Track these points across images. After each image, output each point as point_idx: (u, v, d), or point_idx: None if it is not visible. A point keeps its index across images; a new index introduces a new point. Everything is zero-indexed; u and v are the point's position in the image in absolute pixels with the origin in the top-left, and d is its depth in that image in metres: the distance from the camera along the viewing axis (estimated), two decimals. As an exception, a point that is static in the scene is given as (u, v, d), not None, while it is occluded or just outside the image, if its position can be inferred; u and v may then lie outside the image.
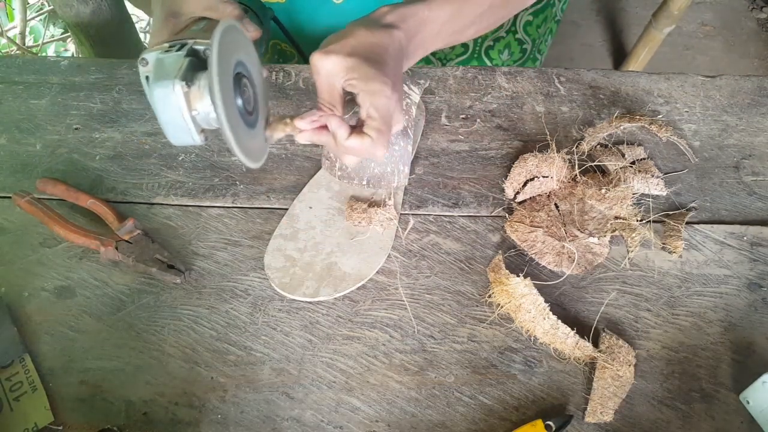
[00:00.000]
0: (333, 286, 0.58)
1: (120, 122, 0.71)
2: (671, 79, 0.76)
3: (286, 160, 0.68)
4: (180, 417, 0.52)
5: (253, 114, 0.49)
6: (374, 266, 0.60)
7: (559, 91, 0.74)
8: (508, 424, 0.52)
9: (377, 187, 0.65)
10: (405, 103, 0.63)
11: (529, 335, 0.55)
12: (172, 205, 0.65)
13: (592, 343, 0.54)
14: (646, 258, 0.61)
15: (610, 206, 0.62)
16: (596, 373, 0.53)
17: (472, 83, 0.75)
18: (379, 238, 0.61)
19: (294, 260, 0.60)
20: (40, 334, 0.56)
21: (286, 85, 0.74)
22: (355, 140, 0.50)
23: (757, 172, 0.68)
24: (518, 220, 0.63)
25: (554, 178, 0.64)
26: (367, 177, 0.64)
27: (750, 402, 0.52)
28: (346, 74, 0.49)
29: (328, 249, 0.61)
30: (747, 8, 2.10)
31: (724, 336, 0.57)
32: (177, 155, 0.68)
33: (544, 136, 0.70)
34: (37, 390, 0.53)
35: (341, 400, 0.53)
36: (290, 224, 0.62)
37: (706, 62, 1.95)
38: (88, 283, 0.59)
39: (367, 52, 0.49)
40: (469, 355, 0.56)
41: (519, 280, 0.54)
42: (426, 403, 0.53)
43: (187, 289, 0.59)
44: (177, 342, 0.56)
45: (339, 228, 0.62)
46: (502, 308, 0.56)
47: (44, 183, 0.64)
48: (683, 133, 0.71)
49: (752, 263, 0.61)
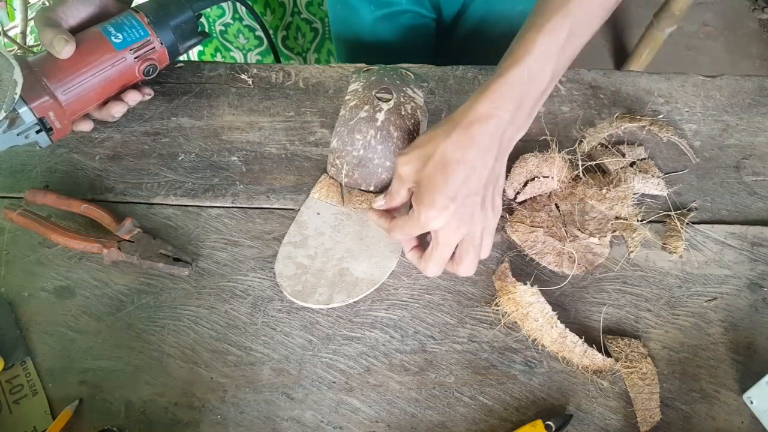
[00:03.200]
0: (346, 292, 0.58)
1: (119, 122, 0.71)
2: (672, 79, 0.75)
3: (286, 160, 0.68)
4: (180, 417, 0.52)
5: None
6: (386, 270, 0.59)
7: (560, 91, 0.74)
8: (508, 425, 0.52)
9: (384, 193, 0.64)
10: (410, 106, 0.63)
11: (537, 344, 0.55)
12: (172, 206, 0.65)
13: (598, 348, 0.54)
14: (646, 258, 0.61)
15: (611, 206, 0.61)
16: (627, 383, 0.53)
17: (472, 83, 0.75)
18: (389, 241, 0.61)
19: (305, 267, 0.59)
20: (40, 334, 0.56)
21: (286, 85, 0.74)
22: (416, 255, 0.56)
23: (758, 172, 0.67)
24: (518, 220, 0.62)
25: (555, 178, 0.63)
26: (374, 183, 0.64)
27: (753, 402, 0.52)
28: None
29: (338, 255, 0.60)
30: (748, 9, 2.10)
31: (725, 336, 0.56)
32: (177, 155, 0.68)
33: (544, 136, 0.69)
34: (37, 393, 0.53)
35: (341, 400, 0.53)
36: (299, 231, 0.62)
37: (708, 62, 1.95)
38: (88, 283, 0.59)
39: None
40: (470, 356, 0.55)
41: (526, 288, 0.53)
42: (426, 404, 0.53)
43: (187, 289, 0.59)
44: (177, 342, 0.56)
45: (348, 233, 0.62)
46: (508, 317, 0.55)
47: (33, 194, 0.62)
48: (684, 133, 0.71)
49: (753, 263, 0.61)
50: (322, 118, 0.71)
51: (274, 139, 0.70)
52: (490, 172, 0.51)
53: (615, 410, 0.53)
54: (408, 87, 0.64)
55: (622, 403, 0.53)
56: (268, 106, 0.72)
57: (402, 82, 0.64)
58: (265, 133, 0.70)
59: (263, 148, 0.69)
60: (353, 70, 0.69)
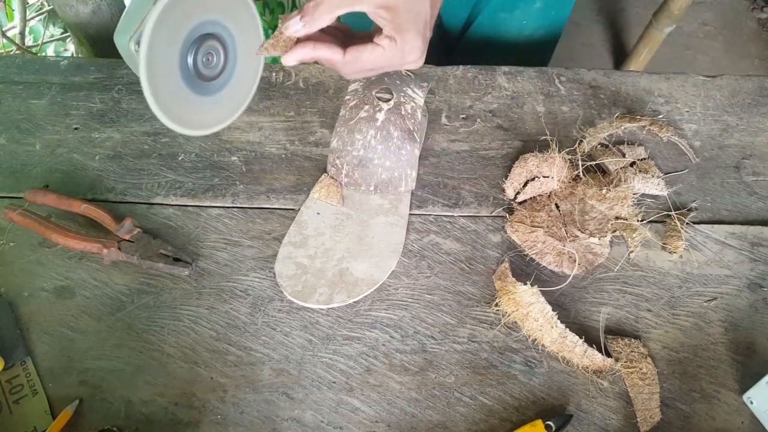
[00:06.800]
0: (346, 292, 0.58)
1: (120, 122, 0.71)
2: (672, 79, 0.76)
3: (286, 160, 0.68)
4: (180, 417, 0.52)
5: (213, 81, 0.48)
6: (386, 270, 0.59)
7: (560, 91, 0.74)
8: (508, 425, 0.52)
9: (385, 193, 0.64)
10: (410, 106, 0.63)
11: (537, 344, 0.55)
12: (172, 205, 0.65)
13: (597, 348, 0.54)
14: (646, 258, 0.61)
15: (611, 206, 0.61)
16: (627, 383, 0.53)
17: (472, 83, 0.75)
18: (389, 241, 0.61)
19: (305, 267, 0.59)
20: (40, 334, 0.56)
21: (286, 85, 0.74)
22: (364, 51, 0.49)
23: (758, 172, 0.67)
24: (519, 220, 0.62)
25: (555, 178, 0.63)
26: (374, 183, 0.64)
27: (753, 402, 0.52)
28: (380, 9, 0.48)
29: (338, 255, 0.60)
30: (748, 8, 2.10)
31: (725, 336, 0.56)
32: (177, 155, 0.68)
33: (544, 136, 0.69)
34: (37, 394, 0.53)
35: (341, 400, 0.53)
36: (299, 231, 0.62)
37: (707, 62, 1.95)
38: (88, 283, 0.59)
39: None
40: (470, 356, 0.55)
41: (526, 288, 0.53)
42: (426, 404, 0.53)
43: (187, 289, 0.59)
44: (177, 342, 0.56)
45: (348, 233, 0.62)
46: (509, 317, 0.55)
47: (33, 194, 0.62)
48: (684, 133, 0.71)
49: (753, 263, 0.61)
50: (322, 118, 0.71)
51: (274, 139, 0.70)
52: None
53: (615, 410, 0.53)
54: (408, 87, 0.64)
55: (622, 403, 0.53)
56: (268, 106, 0.72)
57: (402, 82, 0.64)
58: (265, 133, 0.70)
59: (263, 148, 0.69)
60: (353, 70, 0.69)
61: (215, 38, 0.46)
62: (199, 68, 0.46)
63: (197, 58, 0.45)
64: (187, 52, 0.45)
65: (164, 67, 0.44)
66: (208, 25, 0.45)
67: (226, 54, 0.48)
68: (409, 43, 0.50)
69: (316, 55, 0.51)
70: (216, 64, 0.47)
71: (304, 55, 0.50)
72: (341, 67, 0.52)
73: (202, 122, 0.50)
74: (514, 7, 0.86)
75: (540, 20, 0.88)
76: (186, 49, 0.44)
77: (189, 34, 0.44)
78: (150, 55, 0.42)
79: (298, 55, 0.50)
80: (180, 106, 0.47)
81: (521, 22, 0.87)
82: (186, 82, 0.46)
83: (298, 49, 0.50)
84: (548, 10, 0.86)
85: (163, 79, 0.44)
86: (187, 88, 0.46)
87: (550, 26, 0.89)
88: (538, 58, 0.94)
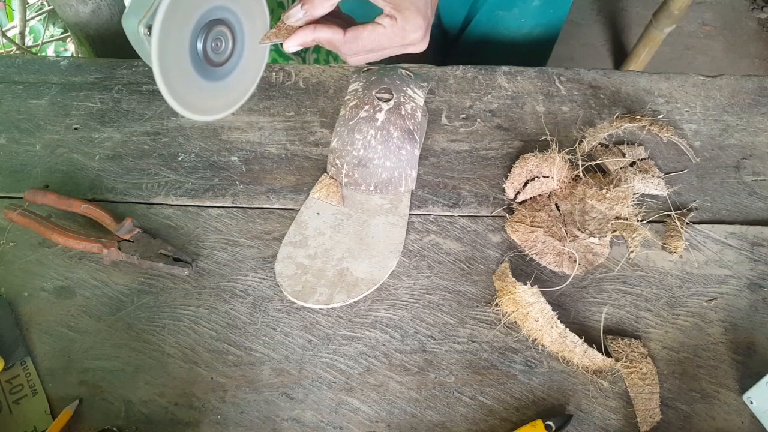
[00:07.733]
0: (346, 292, 0.58)
1: (120, 122, 0.71)
2: (671, 79, 0.76)
3: (286, 160, 0.68)
4: (180, 417, 0.52)
5: (222, 66, 0.47)
6: (386, 270, 0.59)
7: (560, 91, 0.74)
8: (508, 425, 0.52)
9: (385, 193, 0.64)
10: (410, 106, 0.63)
11: (537, 344, 0.55)
12: (172, 205, 0.65)
13: (598, 348, 0.54)
14: (646, 258, 0.61)
15: (611, 206, 0.61)
16: (627, 383, 0.53)
17: (472, 83, 0.75)
18: (389, 241, 0.61)
19: (305, 267, 0.59)
20: (40, 334, 0.56)
21: (286, 85, 0.74)
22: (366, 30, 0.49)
23: (758, 172, 0.67)
24: (519, 220, 0.62)
25: (555, 178, 0.63)
26: (374, 183, 0.64)
27: (753, 402, 0.52)
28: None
29: (338, 255, 0.60)
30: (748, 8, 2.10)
31: (725, 336, 0.56)
32: (177, 155, 0.68)
33: (544, 136, 0.69)
34: (37, 394, 0.53)
35: (341, 400, 0.53)
36: (299, 231, 0.62)
37: (707, 62, 1.95)
38: (88, 283, 0.59)
39: None
40: (470, 356, 0.55)
41: (526, 288, 0.53)
42: (426, 404, 0.53)
43: (187, 289, 0.59)
44: (177, 342, 0.56)
45: (348, 233, 0.62)
46: (509, 317, 0.55)
47: (33, 194, 0.62)
48: (684, 133, 0.71)
49: (753, 263, 0.61)
50: (322, 118, 0.71)
51: (274, 139, 0.70)
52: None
53: (615, 410, 0.53)
54: (408, 87, 0.64)
55: (622, 403, 0.53)
56: (268, 106, 0.72)
57: (402, 82, 0.64)
58: (265, 133, 0.70)
59: (263, 148, 0.69)
60: (353, 70, 0.69)
61: (224, 24, 0.46)
62: (208, 53, 0.46)
63: (207, 43, 0.45)
64: (197, 37, 0.44)
65: (175, 51, 0.43)
66: (218, 11, 0.45)
67: (234, 40, 0.48)
68: (410, 21, 0.50)
69: (316, 35, 0.50)
70: (224, 49, 0.47)
71: (305, 38, 0.50)
72: (341, 46, 0.52)
73: (209, 108, 0.49)
74: (513, 5, 0.86)
75: (538, 18, 0.88)
76: (196, 34, 0.44)
77: (200, 18, 0.44)
78: (162, 39, 0.41)
79: (299, 38, 0.50)
80: (189, 90, 0.46)
81: (520, 20, 0.88)
82: (195, 67, 0.46)
83: (299, 33, 0.50)
84: (547, 8, 0.87)
85: (174, 63, 0.44)
86: (196, 73, 0.46)
87: (548, 24, 0.89)
88: (537, 56, 0.94)
